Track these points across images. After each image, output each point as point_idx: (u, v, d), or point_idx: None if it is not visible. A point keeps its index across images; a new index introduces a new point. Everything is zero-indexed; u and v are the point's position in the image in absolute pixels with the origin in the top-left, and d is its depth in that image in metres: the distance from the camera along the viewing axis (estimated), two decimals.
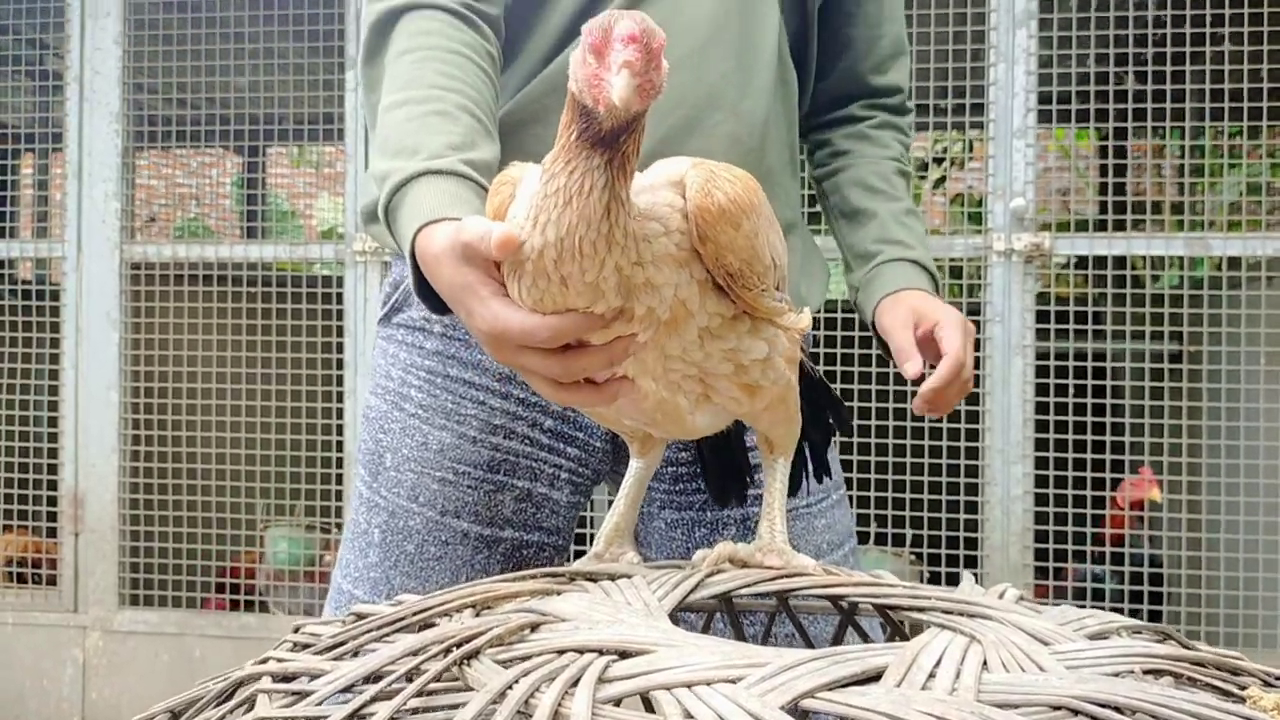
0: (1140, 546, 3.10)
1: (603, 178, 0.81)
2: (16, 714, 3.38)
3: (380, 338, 1.37)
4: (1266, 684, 0.75)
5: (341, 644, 0.81)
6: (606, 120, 0.79)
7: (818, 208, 1.57)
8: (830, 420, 1.18)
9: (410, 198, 1.05)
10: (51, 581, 3.44)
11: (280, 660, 0.80)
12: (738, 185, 0.88)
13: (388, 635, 0.81)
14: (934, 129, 4.72)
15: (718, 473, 1.17)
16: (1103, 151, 4.35)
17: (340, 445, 3.24)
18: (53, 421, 3.44)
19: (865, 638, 1.00)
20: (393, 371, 1.33)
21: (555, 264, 0.83)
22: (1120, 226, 3.19)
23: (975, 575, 2.96)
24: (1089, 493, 2.92)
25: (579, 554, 2.91)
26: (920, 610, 0.84)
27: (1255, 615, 2.89)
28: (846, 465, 1.55)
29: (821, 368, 2.30)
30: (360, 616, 0.86)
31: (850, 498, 1.49)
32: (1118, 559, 3.10)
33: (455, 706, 0.68)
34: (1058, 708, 0.63)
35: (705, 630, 1.08)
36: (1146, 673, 0.71)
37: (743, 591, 0.92)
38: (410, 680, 0.71)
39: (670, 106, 1.23)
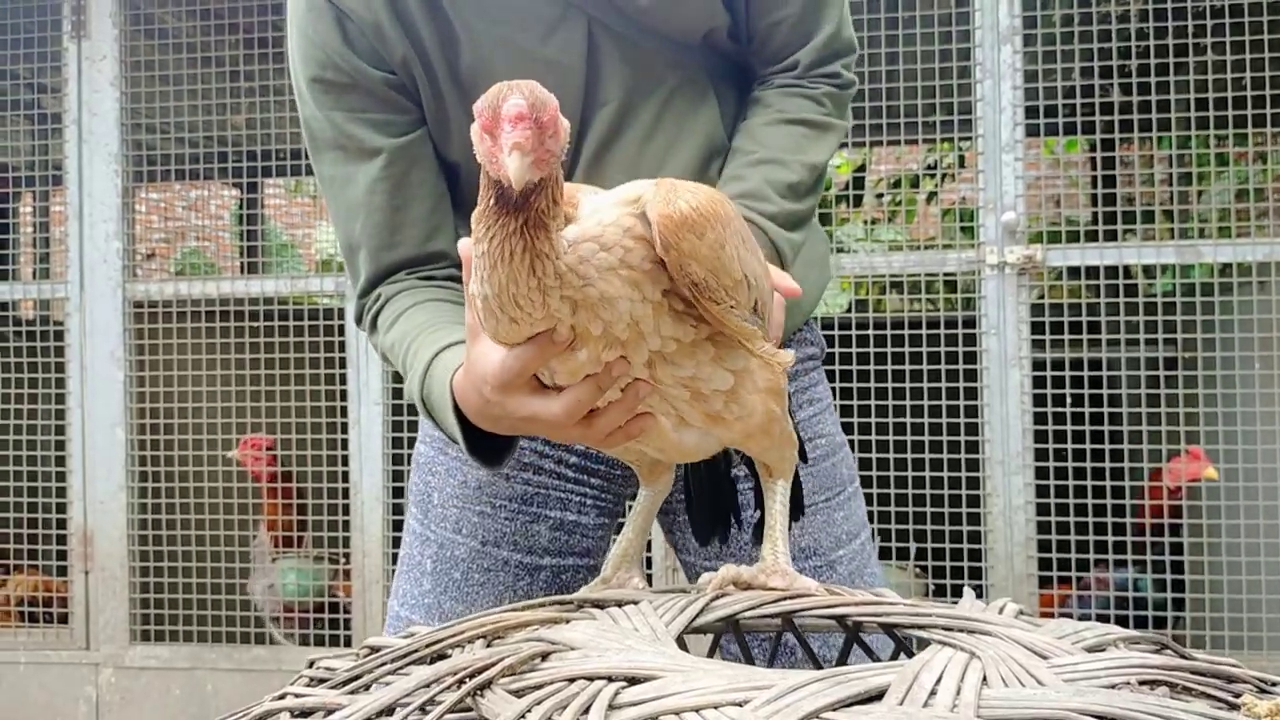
0: (1180, 536, 3.03)
1: (520, 242, 0.85)
2: None
3: None
4: (1261, 690, 0.76)
5: (356, 677, 0.83)
6: (513, 191, 0.83)
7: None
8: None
9: (434, 373, 1.14)
10: (63, 620, 3.45)
11: (297, 695, 0.81)
12: (700, 196, 0.90)
13: (401, 668, 0.83)
14: (923, 142, 4.75)
15: (707, 513, 1.18)
16: (1092, 162, 4.38)
17: (346, 476, 3.25)
18: (60, 460, 3.45)
19: (870, 653, 1.02)
20: None
21: (501, 310, 0.88)
22: (1112, 236, 3.22)
23: (980, 587, 2.96)
24: (1108, 500, 2.91)
25: None
26: (922, 628, 0.86)
27: (1258, 618, 2.89)
28: None
29: None
30: (374, 649, 0.88)
31: None
32: (1142, 562, 3.04)
33: None
34: None
35: (713, 650, 1.09)
36: (1143, 683, 0.73)
37: (748, 614, 0.94)
38: (425, 712, 0.72)
39: None
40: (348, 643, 3.28)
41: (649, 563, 3.12)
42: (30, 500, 3.49)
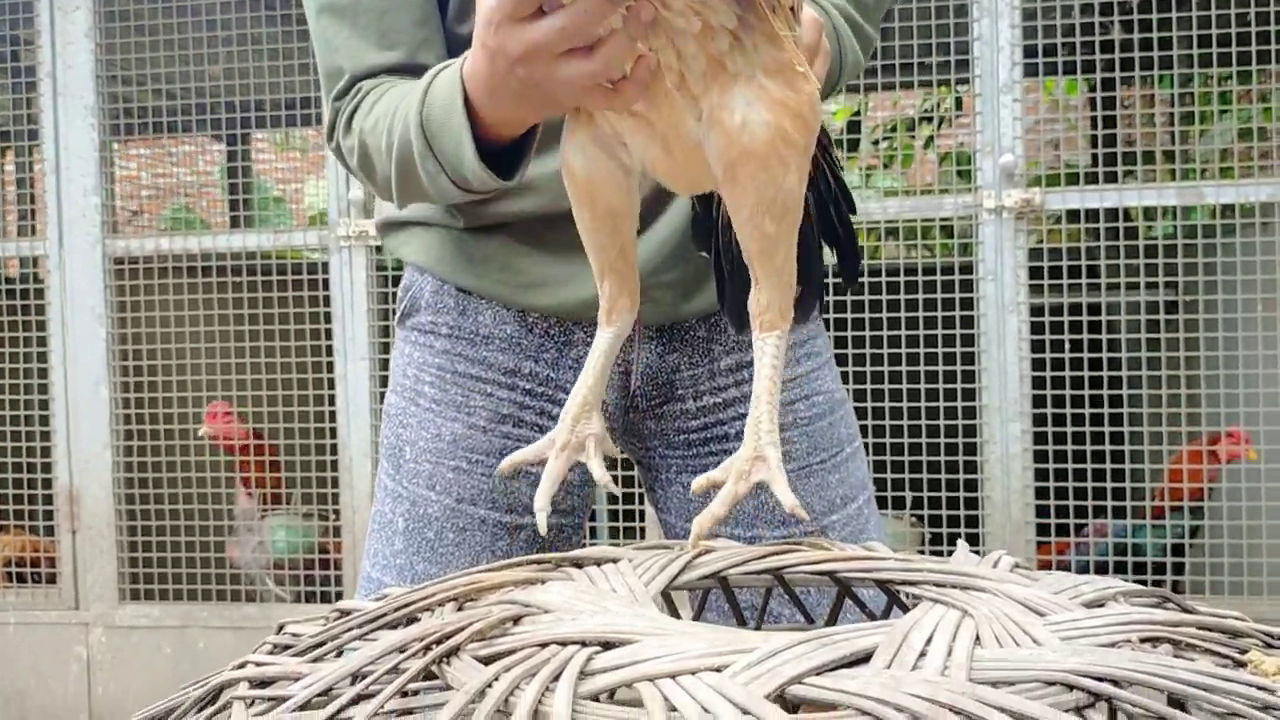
0: (1201, 499, 3.03)
1: None
2: (22, 713, 3.39)
3: (397, 339, 1.44)
4: (1267, 645, 0.73)
5: (321, 644, 0.80)
6: None
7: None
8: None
9: (437, 85, 1.07)
10: (51, 580, 3.44)
11: (258, 664, 0.78)
12: None
13: (370, 632, 0.79)
14: (920, 86, 4.67)
15: (735, 295, 1.06)
16: (1091, 103, 4.31)
17: (334, 432, 3.23)
18: (44, 420, 3.42)
19: (863, 607, 0.99)
20: (408, 370, 1.40)
21: None
22: (1112, 178, 3.16)
23: (977, 535, 2.93)
24: (1106, 447, 2.88)
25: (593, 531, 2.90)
26: (913, 584, 0.83)
27: (1259, 563, 2.88)
28: None
29: None
30: (344, 613, 0.85)
31: None
32: (1160, 527, 3.03)
33: (436, 706, 0.66)
34: (1052, 683, 0.62)
35: (701, 605, 1.06)
36: (1144, 640, 0.70)
37: (734, 571, 0.90)
38: (389, 681, 0.69)
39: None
40: (340, 599, 3.27)
41: (642, 534, 3.11)
42: (15, 460, 3.47)
